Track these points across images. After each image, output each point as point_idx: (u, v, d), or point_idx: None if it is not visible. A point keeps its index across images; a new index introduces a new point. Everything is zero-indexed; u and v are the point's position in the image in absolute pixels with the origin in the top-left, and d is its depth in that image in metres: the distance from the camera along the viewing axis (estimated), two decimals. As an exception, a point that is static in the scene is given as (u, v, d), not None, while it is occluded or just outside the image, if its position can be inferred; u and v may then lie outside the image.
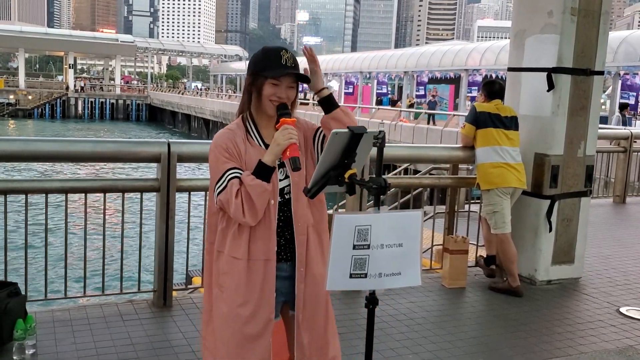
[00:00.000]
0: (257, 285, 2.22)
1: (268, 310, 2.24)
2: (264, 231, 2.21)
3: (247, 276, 2.21)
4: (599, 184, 9.88)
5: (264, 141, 2.26)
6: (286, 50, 2.22)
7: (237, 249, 2.21)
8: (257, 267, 2.21)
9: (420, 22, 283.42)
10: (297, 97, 2.27)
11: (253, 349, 2.24)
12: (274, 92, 2.19)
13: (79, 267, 4.77)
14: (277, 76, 2.18)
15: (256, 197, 2.10)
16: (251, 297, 2.22)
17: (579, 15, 4.81)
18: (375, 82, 36.78)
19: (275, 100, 2.19)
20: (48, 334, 3.56)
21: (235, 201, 2.11)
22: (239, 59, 71.29)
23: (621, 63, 20.95)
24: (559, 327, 4.18)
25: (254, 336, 2.23)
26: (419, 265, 2.10)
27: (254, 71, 2.22)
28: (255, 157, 2.19)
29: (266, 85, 2.19)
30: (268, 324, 2.25)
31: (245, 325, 2.22)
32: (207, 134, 46.85)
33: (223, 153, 2.19)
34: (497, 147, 4.80)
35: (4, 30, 62.98)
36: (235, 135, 2.23)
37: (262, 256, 2.22)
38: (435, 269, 5.30)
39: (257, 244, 2.21)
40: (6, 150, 3.85)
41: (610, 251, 6.32)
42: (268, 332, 2.26)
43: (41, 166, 23.94)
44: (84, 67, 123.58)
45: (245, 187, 2.11)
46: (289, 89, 2.22)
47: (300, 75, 2.23)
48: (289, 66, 2.19)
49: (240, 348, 2.23)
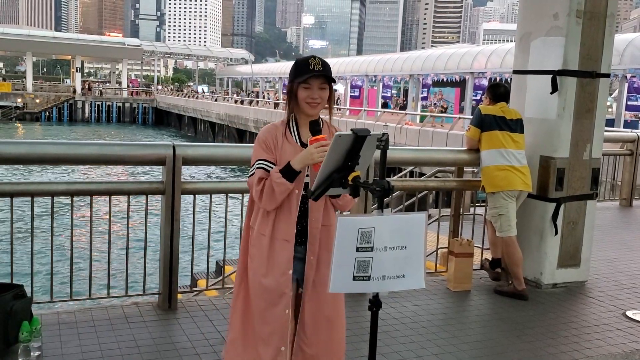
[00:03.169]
0: (276, 260, 2.51)
1: (284, 284, 2.51)
2: (287, 216, 2.51)
3: (269, 251, 2.52)
4: (605, 187, 9.83)
5: (301, 139, 2.55)
6: (314, 57, 2.52)
7: (264, 227, 2.54)
8: (278, 245, 2.52)
9: (425, 25, 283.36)
10: (332, 95, 2.54)
11: (272, 313, 2.52)
12: (307, 95, 2.48)
13: (84, 269, 4.79)
14: (305, 80, 2.46)
15: (278, 193, 2.42)
16: (271, 270, 2.51)
17: (585, 18, 4.80)
18: (381, 85, 36.78)
19: (310, 102, 2.48)
20: (53, 336, 3.57)
21: (256, 188, 2.46)
22: (245, 62, 71.39)
23: (628, 66, 20.83)
24: (565, 330, 4.16)
25: (271, 303, 2.51)
26: (423, 267, 2.10)
27: (290, 79, 2.54)
28: (289, 151, 2.50)
29: (300, 89, 2.49)
30: (283, 295, 2.51)
31: (264, 292, 2.52)
32: (213, 137, 46.92)
33: (261, 144, 2.54)
34: (502, 149, 4.79)
35: (11, 34, 63.27)
36: (276, 130, 2.57)
37: (283, 236, 2.51)
38: (440, 272, 5.29)
39: (280, 225, 2.52)
40: (13, 153, 3.87)
41: (616, 254, 6.29)
42: (283, 303, 2.51)
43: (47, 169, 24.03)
44: (91, 71, 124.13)
45: (271, 180, 2.42)
46: (320, 90, 2.49)
47: (328, 76, 2.48)
48: (317, 70, 2.46)
49: (263, 310, 2.53)
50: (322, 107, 2.53)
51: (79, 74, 62.79)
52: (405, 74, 34.05)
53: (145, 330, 3.77)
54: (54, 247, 4.04)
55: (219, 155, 4.67)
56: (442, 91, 30.15)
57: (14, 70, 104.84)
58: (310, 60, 2.48)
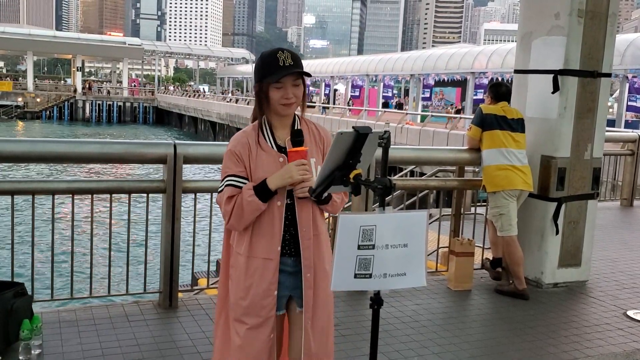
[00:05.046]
0: (255, 281, 2.26)
1: (268, 307, 2.28)
2: (267, 230, 2.25)
3: (246, 272, 2.27)
4: (606, 187, 9.82)
5: (277, 143, 2.30)
6: (283, 50, 2.23)
7: (240, 245, 2.30)
8: (256, 264, 2.26)
9: (426, 25, 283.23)
10: (305, 92, 2.29)
11: (255, 337, 2.28)
12: (280, 96, 2.21)
13: (85, 267, 4.79)
14: (277, 79, 2.19)
15: (248, 213, 2.19)
16: (249, 292, 2.27)
17: (586, 17, 4.80)
18: (382, 85, 36.77)
19: (285, 102, 2.23)
20: (54, 334, 3.57)
21: (225, 207, 2.22)
22: (246, 61, 71.39)
23: (629, 66, 20.84)
24: (566, 330, 4.16)
25: (254, 326, 2.28)
26: (424, 266, 2.10)
27: (258, 79, 2.26)
28: (265, 160, 2.25)
29: (271, 90, 2.22)
30: (267, 319, 2.28)
31: (245, 316, 2.29)
32: (214, 136, 46.97)
33: (231, 157, 2.27)
34: (503, 149, 4.79)
35: (12, 33, 63.33)
36: (248, 137, 2.29)
37: (263, 254, 2.26)
38: (441, 271, 5.29)
39: (259, 242, 2.26)
40: (14, 151, 3.87)
41: (617, 254, 6.29)
42: (268, 326, 2.29)
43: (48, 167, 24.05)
44: (91, 70, 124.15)
45: (242, 199, 2.18)
46: (294, 87, 2.23)
47: (301, 72, 2.22)
48: (287, 66, 2.19)
49: (244, 337, 2.29)
50: (297, 106, 2.29)
51: (80, 73, 62.80)
52: (406, 73, 34.06)
53: (145, 328, 3.77)
54: (55, 245, 4.04)
55: (220, 154, 4.62)
56: (443, 91, 30.15)
57: (15, 69, 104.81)
58: (278, 55, 2.19)
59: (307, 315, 2.30)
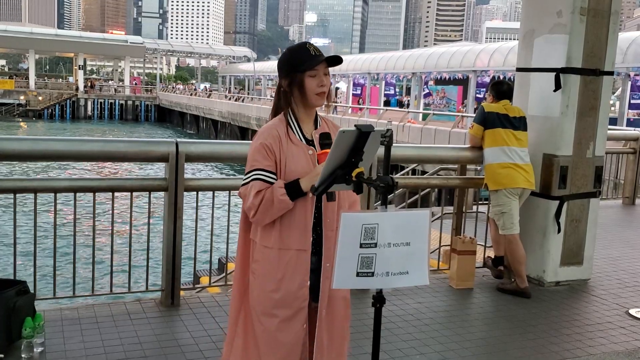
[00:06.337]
0: (289, 273, 2.26)
1: (301, 298, 2.28)
2: (300, 222, 2.26)
3: (278, 264, 2.26)
4: (608, 185, 9.82)
5: (305, 136, 2.33)
6: (310, 43, 2.33)
7: (267, 239, 2.28)
8: (289, 256, 2.26)
9: (428, 23, 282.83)
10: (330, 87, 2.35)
11: (288, 329, 2.28)
12: (317, 83, 2.26)
13: (87, 265, 4.79)
14: (313, 66, 2.24)
15: (276, 210, 2.20)
16: (281, 284, 2.26)
17: (589, 15, 4.79)
18: (384, 83, 36.72)
19: (320, 91, 2.26)
20: (56, 332, 3.57)
21: (253, 200, 2.20)
22: (247, 60, 71.46)
23: (631, 64, 20.79)
24: (568, 328, 4.16)
25: (286, 318, 2.27)
26: (426, 264, 2.09)
27: (289, 71, 2.29)
28: (295, 153, 2.27)
29: (306, 79, 2.26)
30: (300, 310, 2.29)
31: (276, 308, 2.27)
32: (216, 135, 46.96)
33: (262, 149, 2.26)
34: (505, 147, 4.78)
35: (14, 31, 63.39)
36: (278, 130, 2.29)
37: (296, 246, 2.26)
38: (443, 269, 5.29)
39: (291, 233, 2.26)
40: (16, 150, 3.87)
41: (619, 253, 6.28)
42: (302, 316, 2.29)
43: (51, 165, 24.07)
44: (93, 69, 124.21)
45: (273, 196, 2.18)
46: (325, 76, 2.29)
47: (332, 60, 2.27)
48: (319, 55, 2.27)
49: (273, 332, 2.28)
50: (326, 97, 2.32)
51: (82, 71, 62.82)
52: (407, 72, 34.03)
53: (148, 326, 3.78)
54: (57, 243, 4.05)
55: (222, 152, 4.67)
56: (445, 89, 30.12)
57: (17, 67, 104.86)
58: (307, 46, 2.28)
59: (322, 304, 2.32)
